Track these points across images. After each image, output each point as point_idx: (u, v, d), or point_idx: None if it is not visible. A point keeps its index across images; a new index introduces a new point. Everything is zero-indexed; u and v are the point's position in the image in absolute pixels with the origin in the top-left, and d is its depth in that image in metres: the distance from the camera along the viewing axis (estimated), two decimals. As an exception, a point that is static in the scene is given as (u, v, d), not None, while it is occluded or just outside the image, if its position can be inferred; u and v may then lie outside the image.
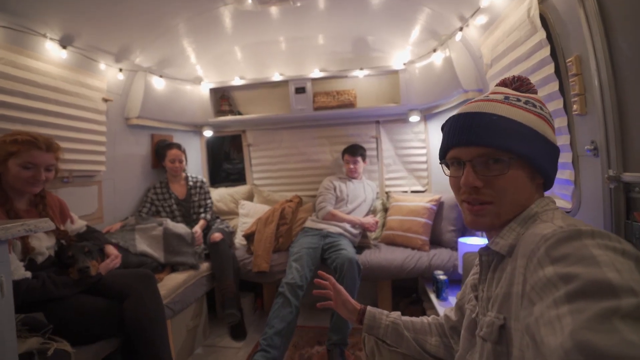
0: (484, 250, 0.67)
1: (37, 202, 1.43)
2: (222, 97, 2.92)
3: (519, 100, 0.64)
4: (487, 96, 0.67)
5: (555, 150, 0.65)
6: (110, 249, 1.66)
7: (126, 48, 2.06)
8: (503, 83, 0.73)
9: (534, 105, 0.64)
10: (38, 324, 1.15)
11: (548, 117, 0.65)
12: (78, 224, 1.64)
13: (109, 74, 2.11)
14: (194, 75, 2.73)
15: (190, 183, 2.63)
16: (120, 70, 2.15)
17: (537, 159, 0.61)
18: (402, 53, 2.48)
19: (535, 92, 0.71)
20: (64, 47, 1.73)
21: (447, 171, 0.69)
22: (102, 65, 2.02)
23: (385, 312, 0.98)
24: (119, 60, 2.12)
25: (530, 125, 0.61)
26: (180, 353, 1.97)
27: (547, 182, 0.66)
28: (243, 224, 2.76)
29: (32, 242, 1.33)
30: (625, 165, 0.99)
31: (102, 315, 1.38)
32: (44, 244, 1.38)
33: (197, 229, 2.37)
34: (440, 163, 0.71)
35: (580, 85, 1.13)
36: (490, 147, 0.60)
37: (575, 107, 1.16)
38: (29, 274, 1.22)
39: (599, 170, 1.08)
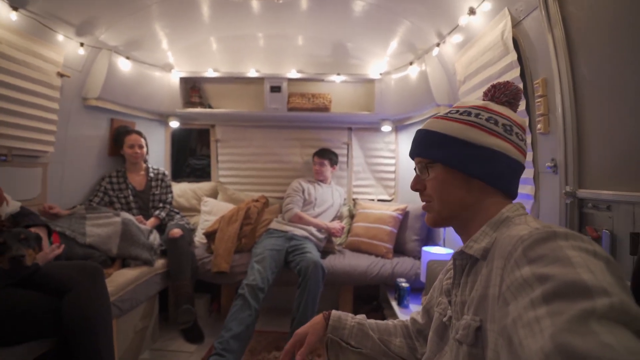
0: (458, 254, 0.67)
1: (-35, 180, 1.25)
2: (193, 88, 2.79)
3: (457, 111, 0.70)
4: (437, 113, 0.80)
5: (481, 151, 0.65)
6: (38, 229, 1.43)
7: (90, 21, 1.90)
8: (484, 94, 0.75)
9: (469, 114, 0.67)
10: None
11: (480, 123, 0.66)
12: (12, 206, 1.46)
13: (67, 47, 1.92)
14: (164, 61, 2.59)
15: (151, 174, 2.46)
16: (82, 45, 1.97)
17: (451, 161, 0.66)
18: (379, 63, 2.54)
19: (513, 97, 0.71)
20: (15, 8, 1.53)
21: None
22: (60, 37, 1.84)
23: (350, 314, 0.96)
24: (81, 33, 1.94)
25: (449, 132, 0.67)
26: (124, 356, 1.81)
27: (489, 183, 0.66)
28: (205, 221, 2.63)
29: (-45, 225, 1.16)
30: (581, 182, 1.07)
31: (36, 312, 1.23)
32: (-30, 228, 1.21)
33: (148, 226, 2.22)
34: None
35: (545, 105, 1.21)
36: (418, 157, 0.73)
37: (539, 126, 1.24)
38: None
39: (557, 186, 1.15)
